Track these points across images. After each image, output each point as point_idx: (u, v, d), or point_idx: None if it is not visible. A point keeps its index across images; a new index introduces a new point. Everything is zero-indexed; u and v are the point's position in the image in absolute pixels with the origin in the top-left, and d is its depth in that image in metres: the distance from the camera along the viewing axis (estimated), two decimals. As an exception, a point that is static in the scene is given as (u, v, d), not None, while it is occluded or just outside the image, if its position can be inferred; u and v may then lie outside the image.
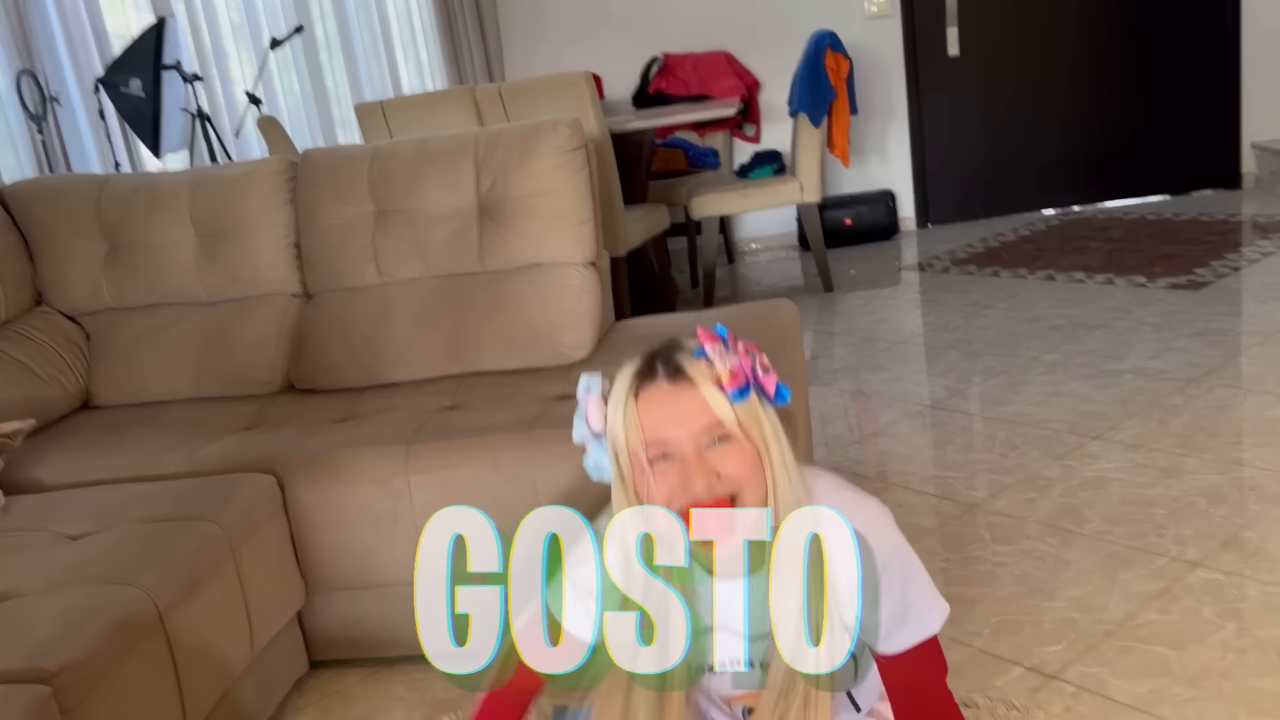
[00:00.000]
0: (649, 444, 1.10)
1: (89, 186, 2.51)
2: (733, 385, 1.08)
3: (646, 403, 1.10)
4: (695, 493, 1.08)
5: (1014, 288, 4.08)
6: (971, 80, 5.20)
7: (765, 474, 1.11)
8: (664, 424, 1.09)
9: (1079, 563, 2.08)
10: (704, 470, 1.08)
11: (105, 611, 1.44)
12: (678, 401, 1.09)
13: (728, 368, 1.09)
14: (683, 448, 1.09)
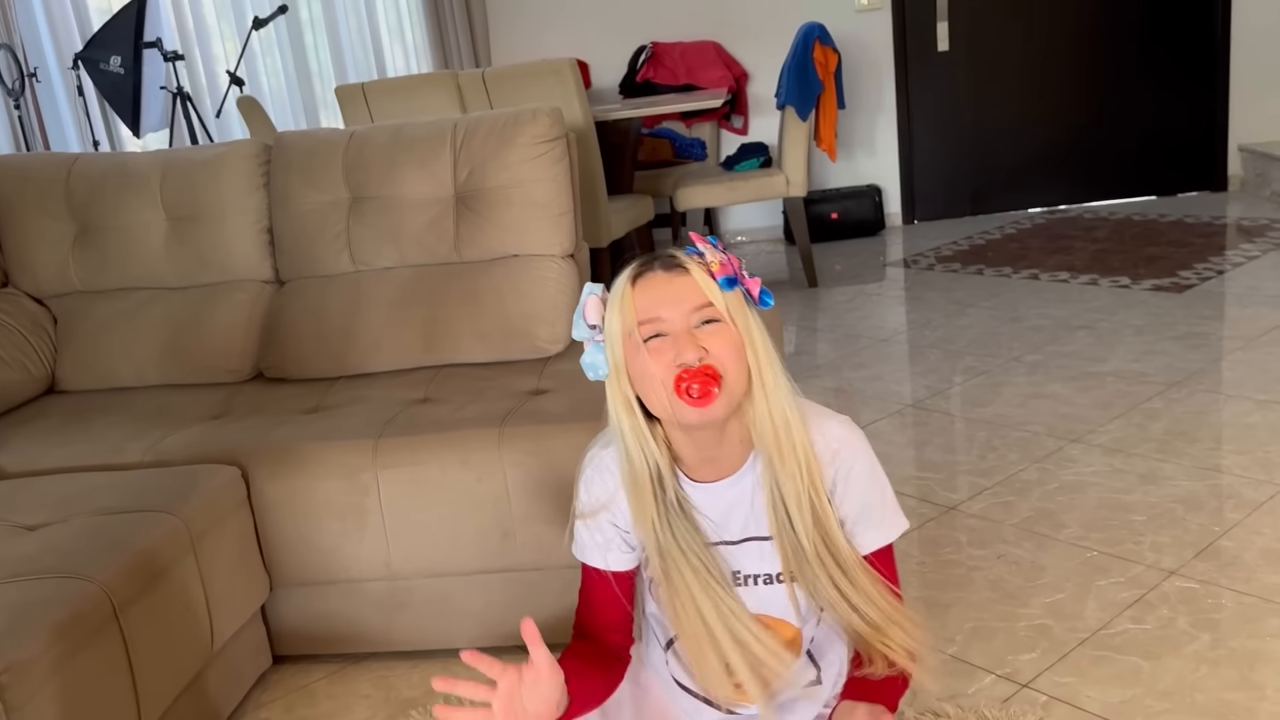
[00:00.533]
0: (644, 323, 1.18)
1: (58, 166, 2.46)
2: (722, 273, 1.18)
3: (643, 288, 1.19)
4: (686, 360, 1.16)
5: (998, 287, 4.07)
6: (961, 76, 5.18)
7: (749, 362, 1.19)
8: (658, 303, 1.18)
9: (1055, 569, 2.06)
10: (693, 343, 1.16)
11: (57, 607, 1.40)
12: (671, 284, 1.18)
13: (717, 260, 1.19)
14: (675, 324, 1.17)
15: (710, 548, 1.28)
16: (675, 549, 1.26)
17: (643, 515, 1.25)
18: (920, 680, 1.27)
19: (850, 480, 1.24)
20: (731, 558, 1.29)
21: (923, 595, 2.02)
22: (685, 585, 1.26)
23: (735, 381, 1.17)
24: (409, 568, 1.89)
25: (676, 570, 1.26)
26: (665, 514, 1.25)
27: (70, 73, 5.06)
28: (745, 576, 1.30)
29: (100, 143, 5.18)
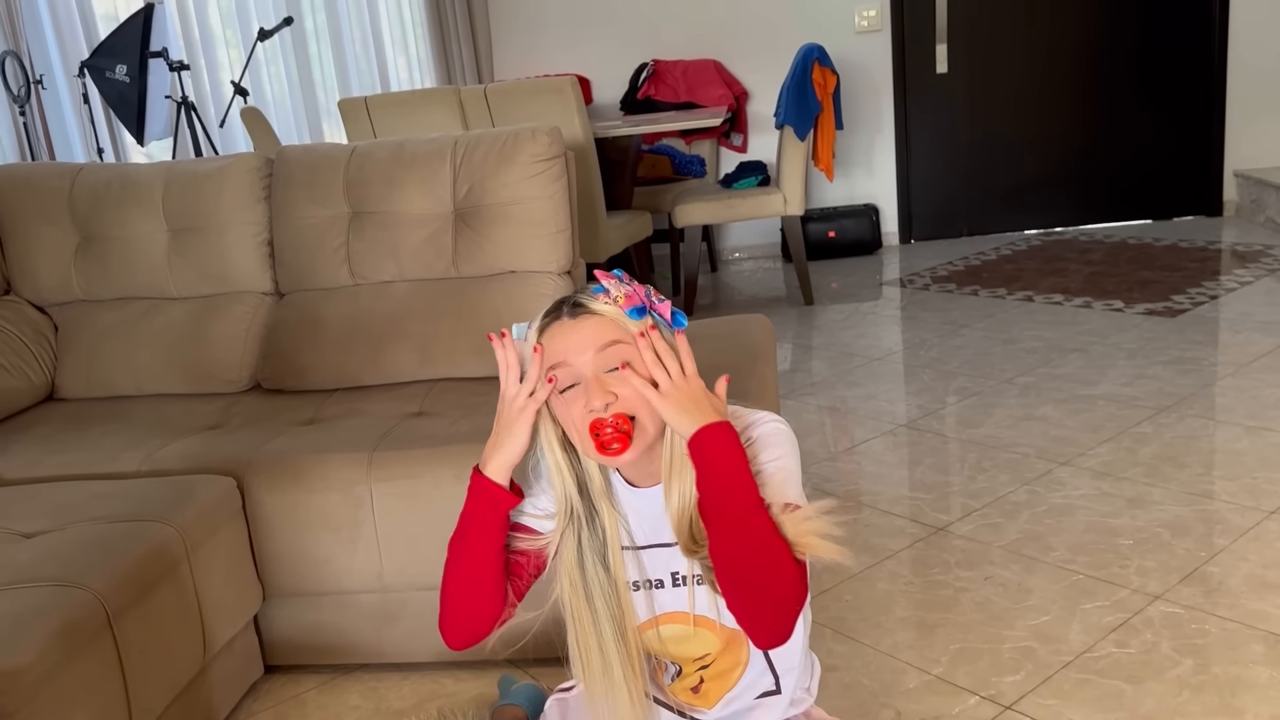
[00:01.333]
0: (555, 367, 1.21)
1: (61, 176, 2.49)
2: (628, 304, 1.20)
3: (550, 337, 1.22)
4: (594, 408, 1.18)
5: (992, 307, 4.09)
6: (959, 98, 5.22)
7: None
8: (565, 351, 1.20)
9: (1041, 591, 2.08)
10: (602, 390, 1.18)
11: (52, 615, 1.42)
12: (576, 330, 1.20)
13: (622, 293, 1.21)
14: (584, 371, 1.19)
15: (624, 551, 1.31)
16: (580, 593, 1.30)
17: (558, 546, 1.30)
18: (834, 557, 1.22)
19: (762, 455, 1.23)
20: (648, 561, 1.32)
21: (910, 615, 2.04)
22: (586, 627, 1.31)
23: (648, 421, 1.20)
24: (401, 580, 1.91)
25: (579, 612, 1.31)
26: (579, 551, 1.29)
27: (76, 80, 5.09)
28: (653, 580, 1.33)
29: (105, 150, 5.21)
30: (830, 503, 1.21)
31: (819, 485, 2.67)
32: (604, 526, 1.29)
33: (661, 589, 1.33)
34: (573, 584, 1.29)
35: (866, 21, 5.14)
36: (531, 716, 1.75)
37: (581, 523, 1.28)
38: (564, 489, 1.28)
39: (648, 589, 1.33)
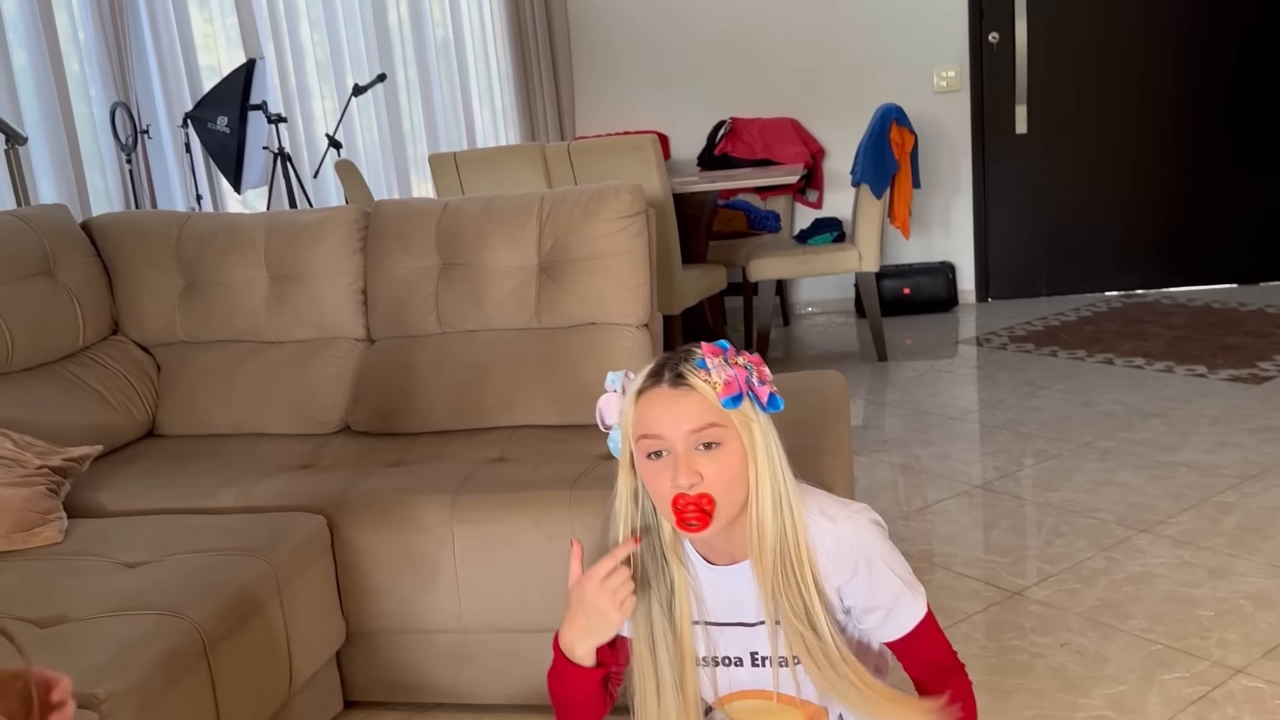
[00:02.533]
0: (646, 438, 1.23)
1: (170, 223, 2.63)
2: (725, 394, 1.21)
3: (648, 403, 1.23)
4: (680, 486, 1.20)
5: (1071, 369, 4.05)
6: (1038, 158, 5.21)
7: (750, 477, 1.23)
8: (659, 423, 1.22)
9: (1118, 660, 2.05)
10: (689, 470, 1.20)
11: (155, 642, 1.50)
12: (675, 404, 1.21)
13: (722, 378, 1.21)
14: (675, 445, 1.21)
15: (697, 626, 1.33)
16: (644, 639, 1.32)
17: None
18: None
19: (871, 579, 1.28)
20: (721, 639, 1.34)
21: (984, 680, 2.03)
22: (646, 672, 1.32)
23: (730, 503, 1.23)
24: (478, 622, 1.96)
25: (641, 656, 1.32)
26: (647, 603, 1.31)
27: (179, 130, 5.36)
28: (730, 659, 1.34)
29: (203, 197, 5.45)
30: None
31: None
32: (672, 578, 1.31)
33: (740, 667, 1.35)
34: (636, 631, 1.32)
35: (945, 82, 5.17)
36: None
37: (648, 573, 1.31)
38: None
39: (723, 666, 1.35)
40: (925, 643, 1.33)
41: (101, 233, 2.65)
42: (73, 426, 2.29)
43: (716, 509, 1.21)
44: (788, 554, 1.25)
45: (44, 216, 2.55)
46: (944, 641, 1.35)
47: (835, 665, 1.27)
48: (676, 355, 1.26)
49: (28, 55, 4.74)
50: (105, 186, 5.18)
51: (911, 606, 1.30)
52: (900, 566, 1.30)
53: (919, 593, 1.31)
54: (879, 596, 1.29)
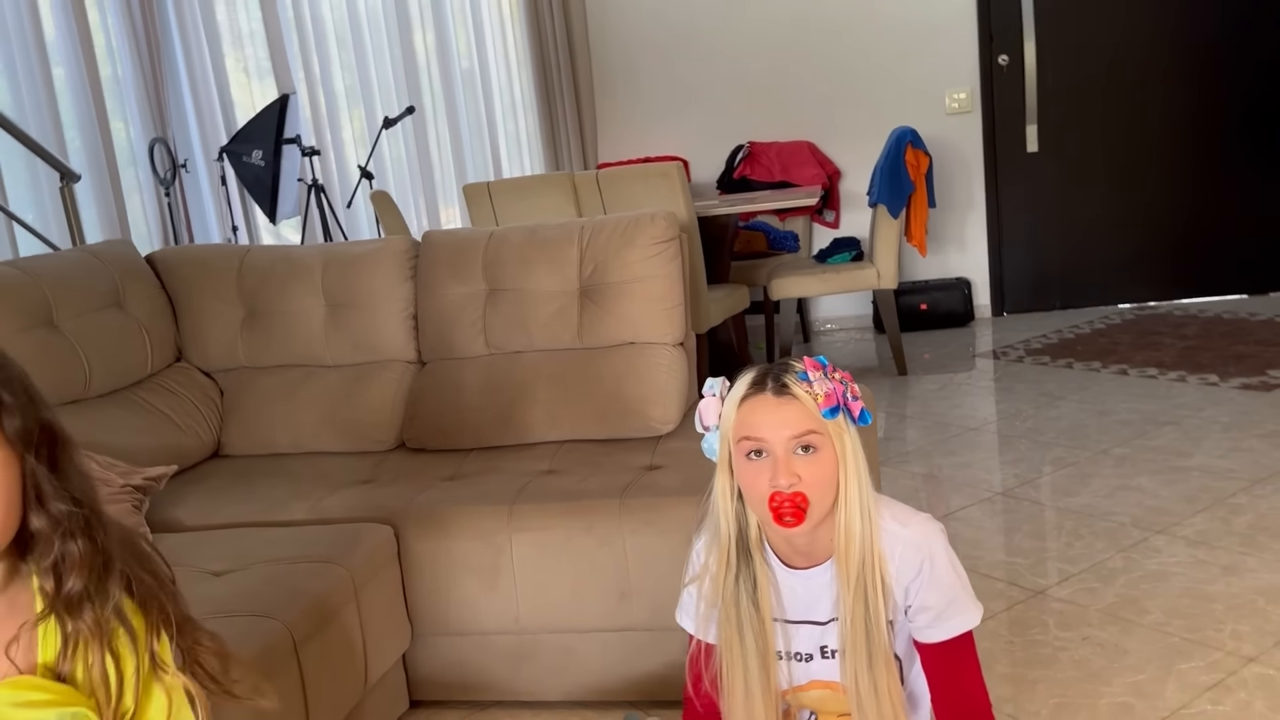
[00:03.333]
0: (748, 439, 1.35)
1: (231, 256, 2.79)
2: (825, 405, 1.34)
3: (751, 408, 1.36)
4: (780, 485, 1.33)
5: (1086, 380, 4.17)
6: (1050, 175, 5.35)
7: (840, 482, 1.36)
8: (763, 426, 1.34)
9: (1137, 652, 2.17)
10: (789, 471, 1.33)
11: (251, 640, 1.64)
12: (779, 411, 1.34)
13: (823, 391, 1.34)
14: (775, 448, 1.33)
15: (773, 625, 1.47)
16: (734, 625, 1.46)
17: (718, 582, 1.46)
18: None
19: (932, 577, 1.40)
20: (795, 635, 1.48)
21: (1010, 672, 2.15)
22: (734, 656, 1.47)
23: (822, 504, 1.35)
24: (535, 623, 2.10)
25: (730, 640, 1.47)
26: (736, 592, 1.45)
27: (215, 164, 5.55)
28: (801, 654, 1.49)
29: (238, 228, 5.64)
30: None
31: (917, 548, 2.79)
32: (755, 572, 1.45)
33: (810, 661, 1.49)
34: (727, 617, 1.46)
35: (957, 103, 5.32)
36: (656, 751, 1.90)
37: (739, 565, 1.45)
38: (728, 533, 1.44)
39: (794, 660, 1.49)
40: (960, 657, 1.44)
41: (165, 266, 2.81)
42: (147, 448, 2.44)
43: (810, 508, 1.34)
44: (866, 559, 1.38)
45: (113, 252, 2.72)
46: (977, 668, 1.46)
47: (874, 667, 1.40)
48: (777, 367, 1.39)
49: (72, 95, 4.94)
50: (145, 219, 5.37)
51: (961, 615, 1.43)
52: (958, 575, 1.43)
53: (972, 606, 1.44)
54: (934, 596, 1.41)
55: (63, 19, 4.85)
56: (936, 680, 1.45)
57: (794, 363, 1.38)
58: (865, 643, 1.40)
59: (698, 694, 1.54)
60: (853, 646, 1.41)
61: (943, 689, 1.45)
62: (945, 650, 1.43)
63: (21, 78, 4.56)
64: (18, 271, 2.41)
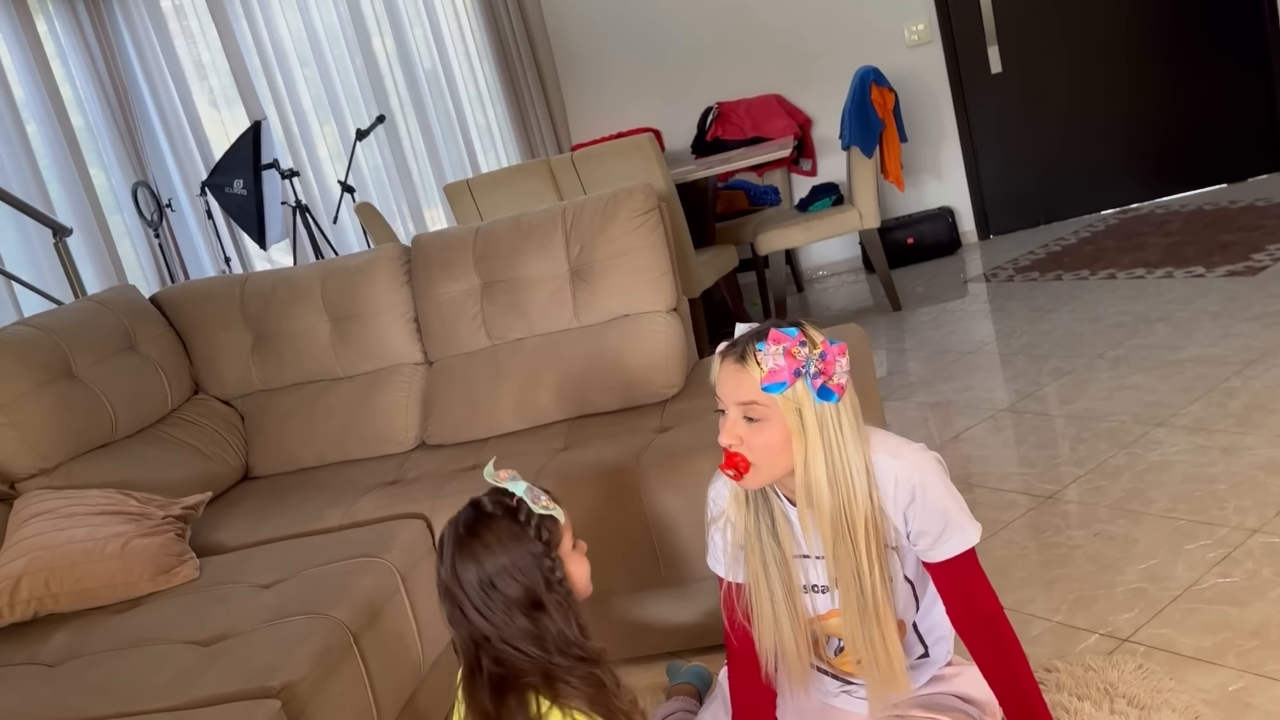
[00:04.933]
0: (717, 397, 1.46)
1: (231, 285, 2.88)
2: (766, 381, 1.41)
3: (720, 370, 1.47)
4: (724, 444, 1.45)
5: (1076, 290, 4.25)
6: (1017, 93, 5.40)
7: (797, 452, 1.43)
8: (720, 388, 1.46)
9: (1147, 539, 2.27)
10: (731, 431, 1.44)
11: (310, 639, 1.74)
12: (732, 377, 1.44)
13: (768, 366, 1.40)
14: (728, 410, 1.45)
15: (793, 559, 1.58)
16: (758, 559, 1.57)
17: (738, 522, 1.57)
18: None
19: (925, 503, 1.48)
20: (810, 568, 1.58)
21: (1028, 575, 2.25)
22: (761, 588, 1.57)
23: (768, 467, 1.44)
24: (572, 592, 2.19)
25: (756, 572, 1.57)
26: (757, 528, 1.55)
27: (199, 199, 5.62)
28: (818, 585, 1.58)
29: (231, 259, 5.72)
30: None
31: (929, 473, 2.88)
32: (771, 509, 1.55)
33: (825, 593, 1.58)
34: (752, 552, 1.56)
35: (916, 35, 5.37)
36: (701, 691, 2.01)
37: (755, 505, 1.55)
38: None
39: (814, 592, 1.59)
40: (965, 573, 1.53)
41: (170, 304, 2.90)
42: (179, 479, 2.54)
43: (753, 469, 1.45)
44: (841, 522, 1.46)
45: (119, 298, 2.81)
46: (984, 581, 1.55)
47: (866, 620, 1.50)
48: (752, 332, 1.46)
49: (49, 150, 5.02)
50: (138, 261, 5.45)
51: (958, 536, 1.51)
52: (952, 499, 1.51)
53: (969, 526, 1.51)
54: (930, 521, 1.49)
55: (28, 76, 4.92)
56: (947, 594, 1.55)
57: (771, 330, 1.44)
58: (856, 599, 1.50)
59: (734, 629, 1.64)
60: (845, 604, 1.51)
61: (954, 601, 1.55)
62: (950, 567, 1.52)
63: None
64: (31, 329, 2.50)
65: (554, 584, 1.42)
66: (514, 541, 1.41)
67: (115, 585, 2.09)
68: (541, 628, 1.40)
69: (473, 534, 1.44)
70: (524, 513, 1.44)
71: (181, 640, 1.86)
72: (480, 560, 1.40)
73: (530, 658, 1.38)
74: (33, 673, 1.87)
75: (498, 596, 1.39)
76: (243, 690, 1.62)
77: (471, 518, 1.46)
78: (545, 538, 1.43)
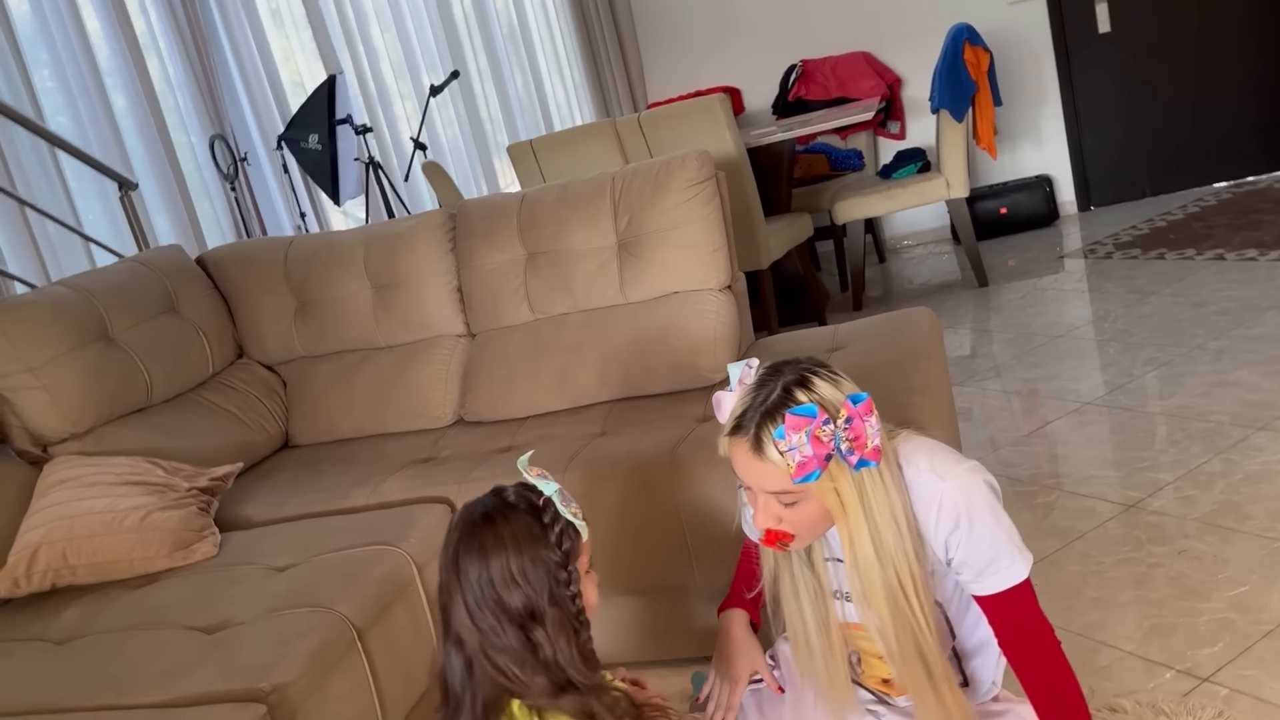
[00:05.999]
0: (735, 475, 1.33)
1: (276, 249, 2.80)
2: (798, 474, 1.25)
3: (734, 449, 1.31)
4: (758, 522, 1.32)
5: (1180, 271, 3.94)
6: (1126, 55, 5.02)
7: (843, 532, 1.30)
8: (743, 474, 1.32)
9: (1238, 561, 2.04)
10: (769, 515, 1.31)
11: (309, 636, 1.65)
12: (753, 466, 1.29)
13: (797, 460, 1.24)
14: (759, 496, 1.31)
15: (825, 562, 1.43)
16: (784, 568, 1.43)
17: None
18: None
19: (970, 535, 1.32)
20: (836, 574, 1.44)
21: (1101, 595, 2.04)
22: (786, 599, 1.45)
23: (813, 531, 1.34)
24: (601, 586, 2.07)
25: (781, 584, 1.44)
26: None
27: (275, 153, 5.61)
28: (844, 593, 1.44)
29: (306, 214, 5.71)
30: None
31: (1004, 472, 2.68)
32: None
33: (851, 601, 1.43)
34: (783, 581, 1.43)
35: (1018, -8, 5.02)
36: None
37: None
38: None
39: (845, 600, 1.44)
40: (1015, 610, 1.36)
41: (216, 265, 2.85)
42: (214, 448, 2.49)
43: (798, 539, 1.33)
44: (897, 594, 1.31)
45: (162, 258, 2.76)
46: (1037, 615, 1.37)
47: (937, 687, 1.35)
48: (765, 404, 1.27)
49: (126, 100, 5.03)
50: (215, 217, 5.47)
51: (1005, 571, 1.33)
52: (1001, 530, 1.33)
53: (1019, 559, 1.34)
54: (973, 554, 1.33)
55: (109, 29, 4.93)
56: (997, 625, 1.39)
57: (783, 405, 1.25)
58: (923, 670, 1.35)
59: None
60: (911, 677, 1.36)
61: (1004, 633, 1.39)
62: (997, 600, 1.36)
63: (76, 94, 4.65)
64: (67, 290, 2.46)
65: (562, 600, 1.27)
66: (530, 542, 1.26)
67: (133, 560, 2.04)
68: (535, 645, 1.24)
69: (489, 522, 1.27)
70: (550, 514, 1.29)
71: (186, 625, 1.79)
72: (487, 553, 1.24)
73: (509, 679, 1.23)
74: (38, 650, 1.83)
75: (491, 599, 1.23)
76: (230, 690, 1.54)
77: (491, 505, 1.31)
78: (566, 547, 1.28)
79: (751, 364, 1.36)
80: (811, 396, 1.26)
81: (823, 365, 1.31)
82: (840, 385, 1.29)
